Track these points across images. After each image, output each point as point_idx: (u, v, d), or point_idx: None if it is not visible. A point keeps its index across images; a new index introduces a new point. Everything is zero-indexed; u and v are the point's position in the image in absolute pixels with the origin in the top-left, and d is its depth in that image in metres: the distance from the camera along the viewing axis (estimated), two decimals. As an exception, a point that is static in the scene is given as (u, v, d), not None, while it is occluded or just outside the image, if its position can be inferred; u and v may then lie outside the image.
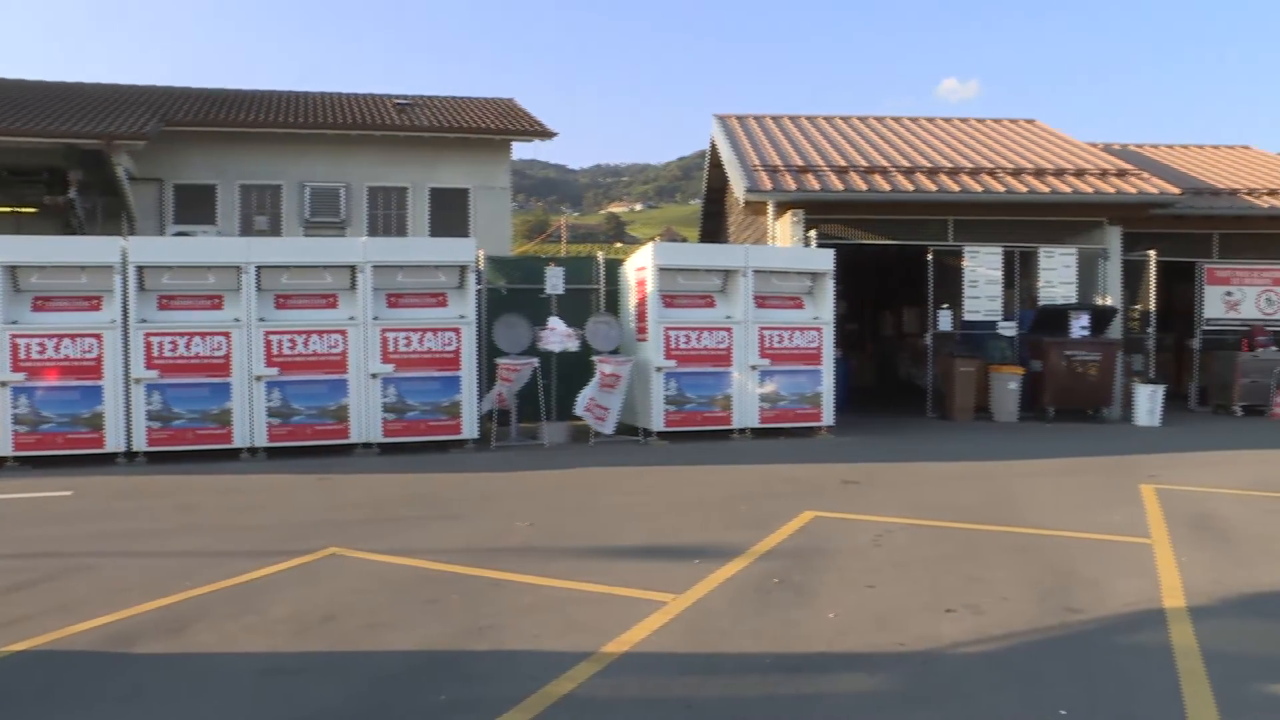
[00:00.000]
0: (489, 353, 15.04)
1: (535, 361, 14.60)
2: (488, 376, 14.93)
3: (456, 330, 14.16)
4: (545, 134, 23.84)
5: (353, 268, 13.94)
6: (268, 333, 13.56)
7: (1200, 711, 5.15)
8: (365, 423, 13.85)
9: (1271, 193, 21.73)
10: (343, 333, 13.78)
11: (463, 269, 14.40)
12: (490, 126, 23.47)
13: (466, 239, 17.20)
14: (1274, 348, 20.06)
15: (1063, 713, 5.10)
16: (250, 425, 13.52)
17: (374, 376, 13.81)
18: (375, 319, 13.87)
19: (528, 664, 5.61)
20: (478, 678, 5.45)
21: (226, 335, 13.46)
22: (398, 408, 13.95)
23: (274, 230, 22.33)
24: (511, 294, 16.23)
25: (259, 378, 13.48)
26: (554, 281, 15.38)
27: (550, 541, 8.67)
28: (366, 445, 13.88)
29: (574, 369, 15.17)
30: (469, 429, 14.24)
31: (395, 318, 14.03)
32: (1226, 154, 26.58)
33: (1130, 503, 10.67)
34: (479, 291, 15.08)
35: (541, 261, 17.33)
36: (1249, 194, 21.67)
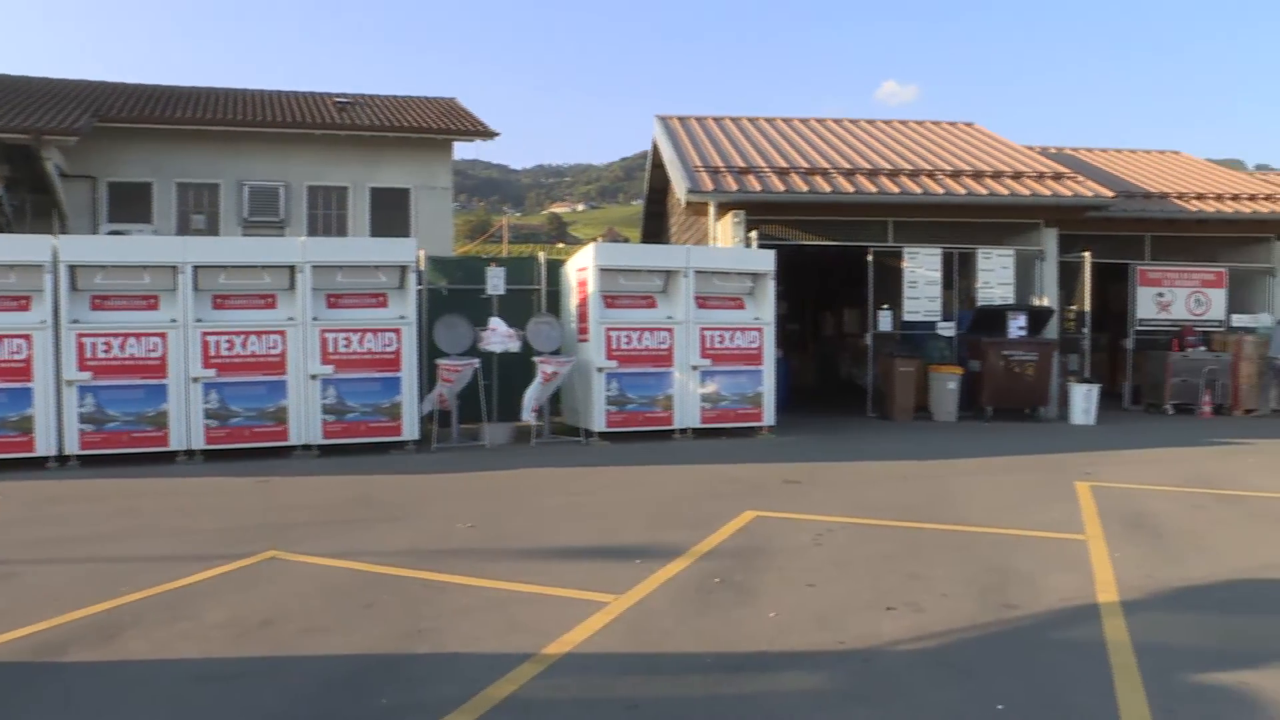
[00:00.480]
0: (430, 353, 14.95)
1: (476, 362, 14.53)
2: (428, 377, 14.83)
3: (397, 331, 14.06)
4: (487, 134, 23.74)
5: (292, 268, 13.79)
6: (205, 333, 13.37)
7: (1131, 703, 5.26)
8: (305, 424, 13.70)
9: (1199, 197, 22.17)
10: (282, 333, 13.63)
11: (403, 269, 14.31)
12: (432, 126, 23.32)
13: (407, 239, 17.11)
14: (1203, 348, 20.47)
15: (1000, 707, 5.18)
16: (187, 428, 13.32)
17: (313, 378, 13.67)
18: (315, 319, 13.73)
19: (469, 666, 5.59)
20: (419, 680, 5.42)
21: (162, 336, 13.25)
22: (338, 409, 13.83)
23: (212, 230, 22.03)
24: (453, 294, 16.14)
25: (196, 379, 13.29)
26: (495, 282, 15.32)
27: (491, 543, 8.64)
28: (306, 447, 13.74)
29: (515, 369, 15.13)
30: (410, 430, 14.15)
31: (335, 318, 13.91)
32: (1157, 159, 27.08)
33: (1066, 500, 10.84)
34: (420, 292, 14.99)
35: (483, 262, 17.25)
36: (1179, 198, 22.09)
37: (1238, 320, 21.18)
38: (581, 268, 15.55)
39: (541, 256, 17.33)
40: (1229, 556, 8.47)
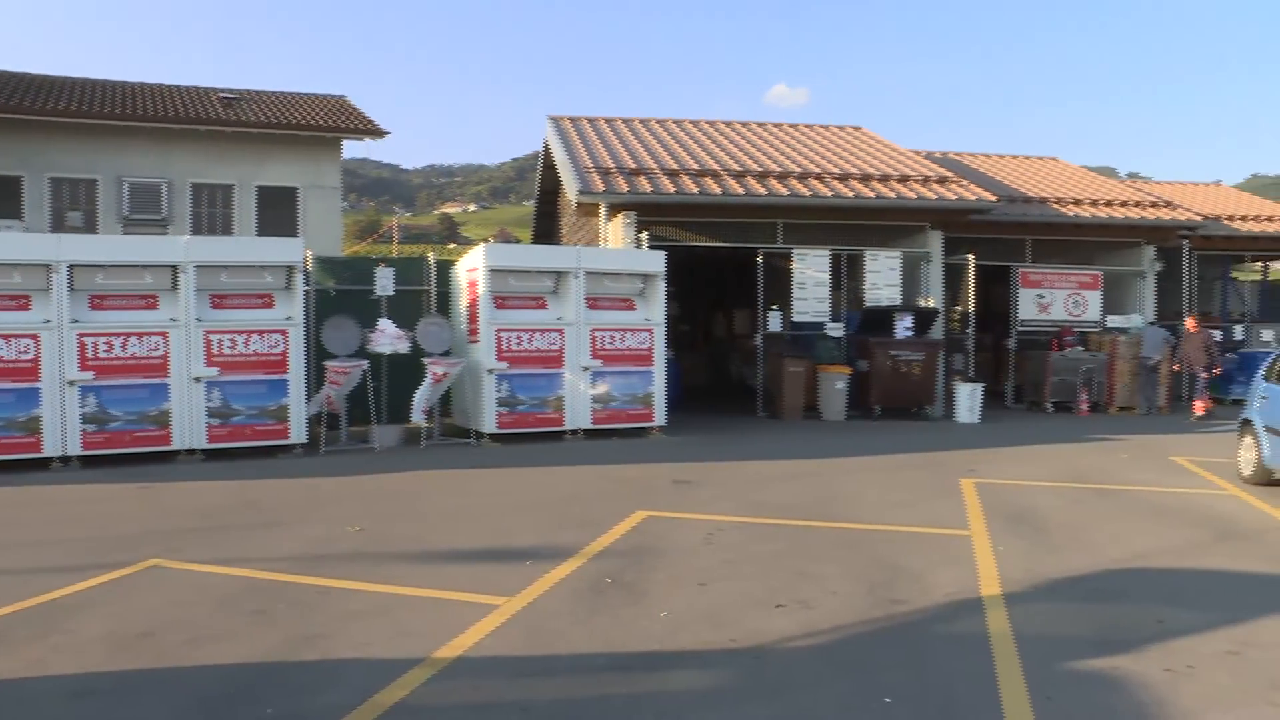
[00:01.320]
0: (318, 355, 14.69)
1: (365, 364, 14.34)
2: (316, 379, 14.59)
3: (284, 332, 13.80)
4: (377, 132, 23.44)
5: (174, 267, 13.42)
6: (81, 335, 12.93)
7: (1012, 691, 5.44)
8: (188, 428, 13.36)
9: (1076, 202, 22.87)
10: (164, 335, 13.26)
11: (290, 269, 14.05)
12: (320, 124, 22.94)
13: (294, 239, 16.78)
14: (1080, 348, 21.11)
15: (887, 700, 5.30)
16: (63, 433, 12.87)
17: (197, 380, 13.34)
18: (198, 320, 13.39)
19: (358, 673, 5.52)
20: (306, 689, 5.34)
21: (34, 338, 12.78)
22: (223, 412, 13.51)
23: (89, 227, 21.36)
24: (341, 295, 15.90)
25: (72, 382, 12.86)
26: (384, 283, 15.13)
27: (381, 546, 8.54)
28: (190, 451, 13.39)
29: (405, 371, 14.95)
30: (297, 433, 13.89)
31: (220, 319, 13.59)
32: (1037, 164, 27.85)
33: (951, 496, 11.10)
34: (307, 293, 14.74)
35: (372, 262, 17.03)
36: (1057, 202, 22.76)
37: (1112, 321, 21.91)
38: (472, 268, 15.44)
39: (431, 257, 17.16)
40: (1105, 548, 8.77)
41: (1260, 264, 29.19)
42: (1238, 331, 24.27)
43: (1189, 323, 20.67)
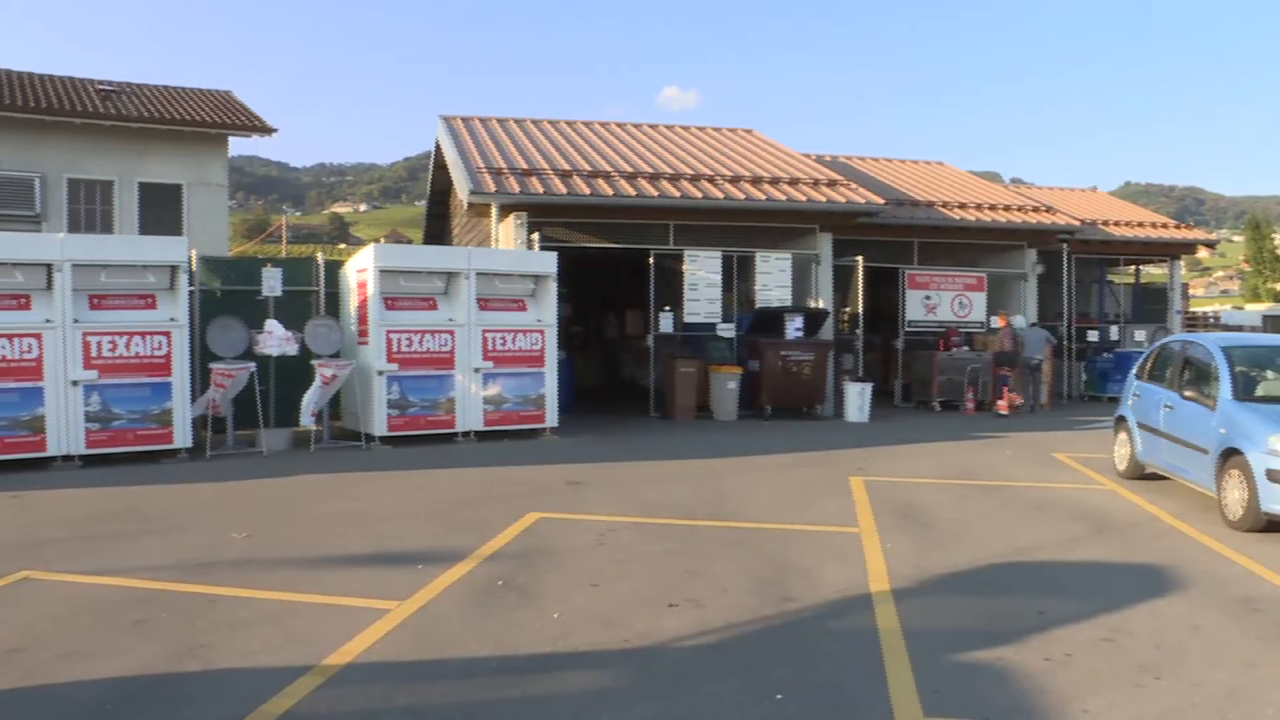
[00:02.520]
0: (203, 357, 14.34)
1: (252, 366, 14.04)
2: (202, 382, 14.24)
3: (167, 334, 13.42)
4: (265, 129, 22.95)
5: (49, 266, 12.96)
6: (-52, 337, 12.44)
7: (900, 683, 5.57)
8: (65, 433, 12.91)
9: (962, 206, 23.40)
10: (37, 336, 12.78)
11: (174, 269, 13.68)
12: (205, 119, 22.36)
13: (178, 238, 16.34)
14: (966, 348, 21.60)
15: (779, 696, 5.37)
16: (-70, 438, 12.37)
17: (74, 384, 12.90)
18: (75, 322, 12.95)
19: (244, 683, 5.40)
20: (190, 701, 5.21)
21: (-104, 340, 12.25)
22: (102, 416, 13.09)
23: (-47, 223, 20.50)
24: (227, 296, 15.55)
25: (-60, 386, 12.36)
26: (271, 283, 14.83)
27: (268, 553, 8.37)
28: (68, 458, 12.94)
29: (293, 373, 14.68)
30: (182, 438, 13.53)
31: (99, 320, 13.16)
32: (925, 169, 28.45)
33: (840, 494, 11.27)
34: (192, 293, 14.37)
35: (260, 262, 16.69)
36: (944, 206, 23.27)
37: (996, 322, 22.43)
38: (361, 269, 15.23)
39: (320, 257, 16.89)
40: (989, 543, 9.00)
41: (1133, 267, 30.20)
42: (1113, 332, 25.12)
43: (999, 319, 21.28)
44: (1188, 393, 11.22)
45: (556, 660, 5.86)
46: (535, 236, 17.89)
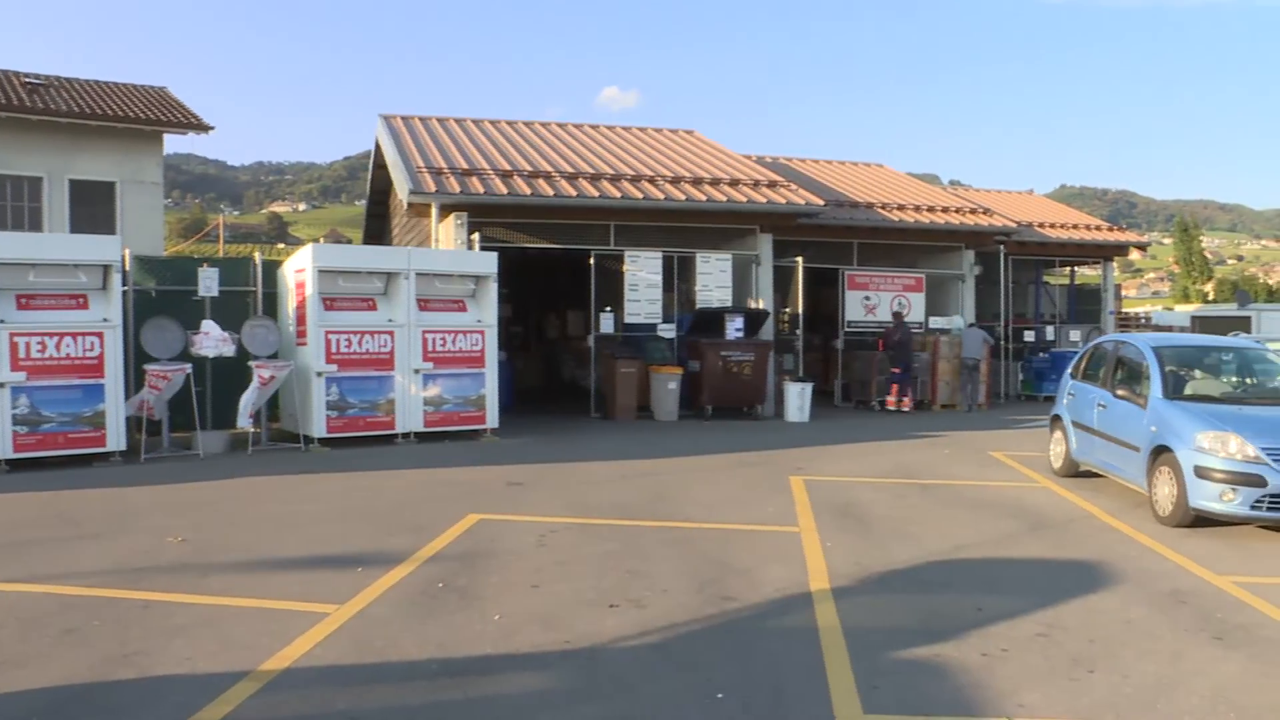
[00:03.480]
0: (138, 358, 14.12)
1: (188, 367, 13.84)
2: (137, 384, 14.00)
3: (99, 335, 13.18)
4: (201, 127, 22.60)
5: (-27, 267, 12.69)
6: None
7: (840, 681, 5.63)
8: (-8, 437, 12.64)
9: (901, 208, 23.63)
10: (-37, 338, 12.51)
11: (106, 269, 13.44)
12: (139, 116, 21.96)
13: (111, 236, 16.09)
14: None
15: (720, 695, 5.39)
16: None
17: (2, 386, 12.64)
18: (2, 322, 12.68)
19: (179, 690, 5.33)
20: (121, 711, 5.12)
21: None
22: (31, 419, 12.82)
23: None
24: (162, 296, 15.31)
25: None
26: (208, 283, 14.62)
27: (205, 557, 8.24)
28: (-5, 461, 12.68)
29: (231, 374, 14.49)
30: (115, 440, 13.29)
31: (27, 321, 12.88)
32: (864, 170, 28.70)
33: (781, 494, 11.33)
34: (125, 293, 14.12)
35: (195, 262, 16.44)
36: (883, 208, 23.48)
37: (934, 322, 22.74)
38: (299, 269, 15.08)
39: (258, 257, 16.68)
40: (928, 541, 9.10)
41: (1068, 268, 30.68)
42: (1049, 332, 25.49)
43: (897, 319, 21.56)
44: (1120, 392, 11.43)
45: (497, 662, 5.84)
46: (475, 237, 17.80)
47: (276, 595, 7.06)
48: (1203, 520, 9.74)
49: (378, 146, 23.51)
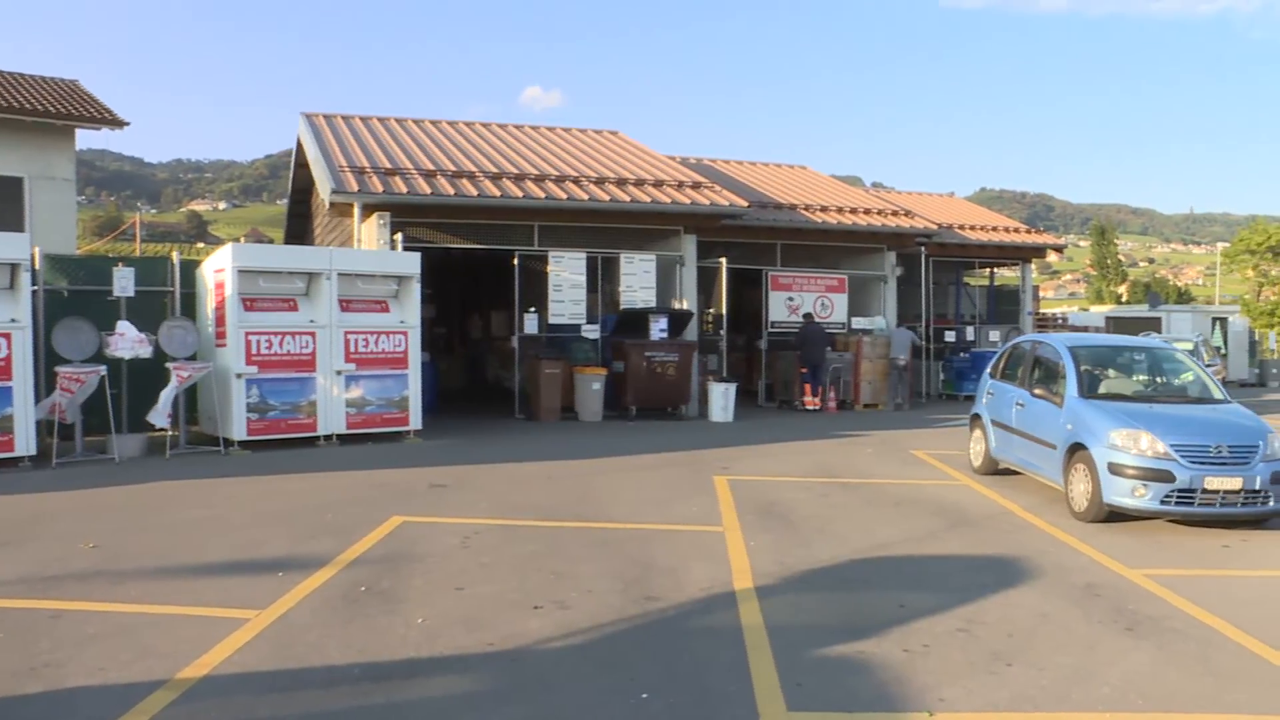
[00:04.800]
0: (49, 360, 13.77)
1: (103, 369, 13.53)
2: (48, 387, 13.66)
3: (7, 336, 12.81)
4: (116, 122, 22.07)
5: None
6: None
7: (764, 678, 5.67)
8: (-104, 441, 12.25)
9: (824, 209, 23.82)
10: None
11: (14, 267, 13.07)
12: (49, 109, 21.37)
13: (19, 234, 15.61)
14: (828, 348, 21.98)
15: (645, 695, 5.40)
16: None
17: (-95, 389, 12.26)
18: (-97, 324, 12.29)
19: (91, 702, 5.20)
20: (32, 721, 4.99)
21: None
22: (-63, 424, 12.46)
23: None
24: (75, 296, 14.94)
25: None
26: (123, 283, 14.31)
27: (120, 564, 8.05)
28: (-102, 467, 12.28)
29: (147, 377, 14.19)
30: (24, 445, 12.94)
31: (-69, 323, 12.52)
32: (787, 172, 28.92)
33: (705, 493, 11.37)
34: (35, 293, 13.76)
35: (110, 261, 16.07)
36: (806, 209, 23.66)
37: (857, 323, 22.99)
38: (219, 269, 14.82)
39: (176, 256, 16.35)
40: (850, 539, 9.20)
41: (988, 270, 31.20)
42: (969, 332, 25.91)
43: (806, 319, 21.84)
44: (1037, 391, 11.66)
45: (421, 665, 5.79)
46: (399, 237, 17.64)
47: (195, 601, 6.93)
48: (1116, 515, 9.98)
49: (299, 145, 23.19)
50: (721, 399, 19.24)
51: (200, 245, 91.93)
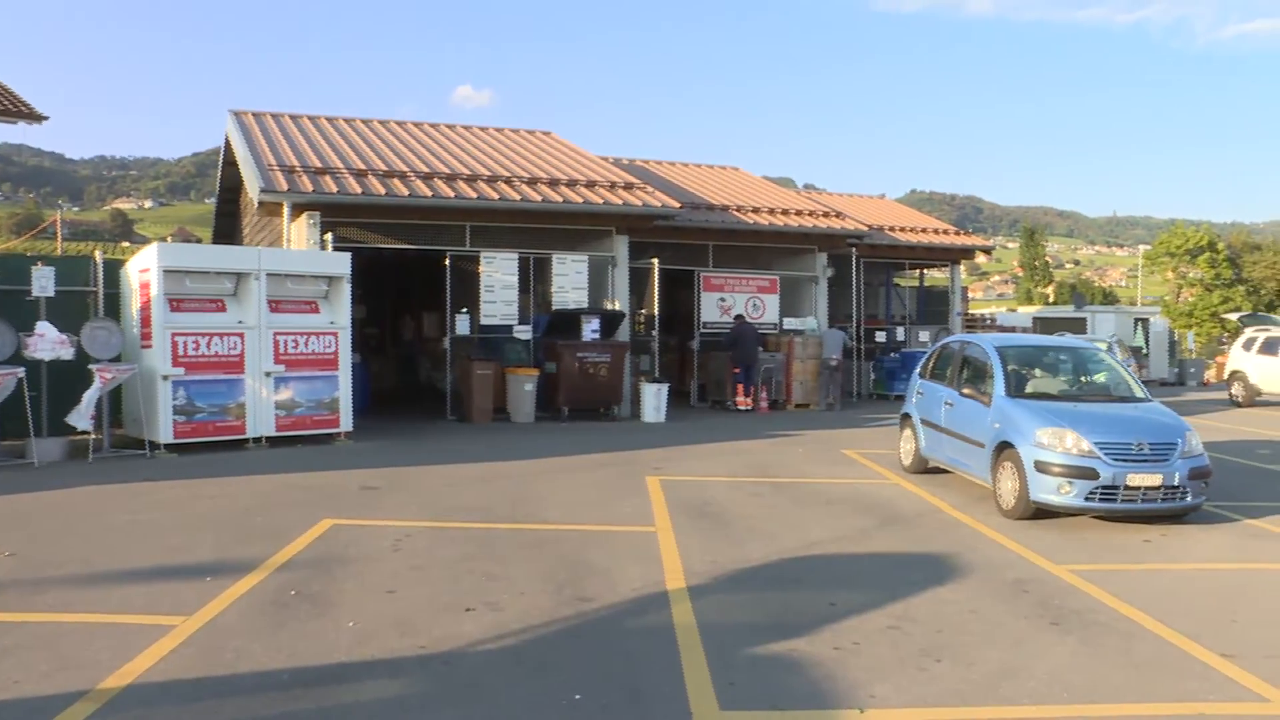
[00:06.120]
0: (-35, 363, 13.44)
1: (20, 371, 13.22)
2: (-36, 389, 13.33)
3: (-77, 338, 12.53)
4: (34, 116, 21.49)
5: None
6: None
7: (696, 678, 5.69)
8: None
9: (755, 210, 23.94)
10: None
11: (-70, 269, 12.78)
12: (-39, 106, 20.89)
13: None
14: (760, 348, 22.11)
15: (578, 696, 5.39)
16: None
17: None
18: None
19: (6, 716, 5.06)
20: (-60, 739, 4.85)
21: None
22: None
23: None
24: (-9, 297, 14.60)
25: None
26: (43, 283, 13.99)
27: (38, 572, 7.84)
28: None
29: (69, 379, 13.89)
30: (-59, 449, 12.64)
31: None
32: (719, 173, 29.01)
33: (637, 494, 11.38)
34: (-50, 294, 13.44)
35: (29, 260, 15.73)
36: (738, 210, 23.75)
37: (789, 323, 23.13)
38: (144, 269, 14.56)
39: (99, 256, 16.03)
40: (782, 538, 9.26)
41: (918, 271, 31.56)
42: (900, 333, 26.20)
43: (737, 320, 21.98)
44: (966, 390, 11.82)
45: (352, 670, 5.73)
46: (329, 237, 17.43)
47: (118, 609, 6.79)
48: (1043, 512, 10.16)
49: (228, 143, 22.85)
50: (654, 399, 19.27)
51: (125, 244, 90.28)
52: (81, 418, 13.49)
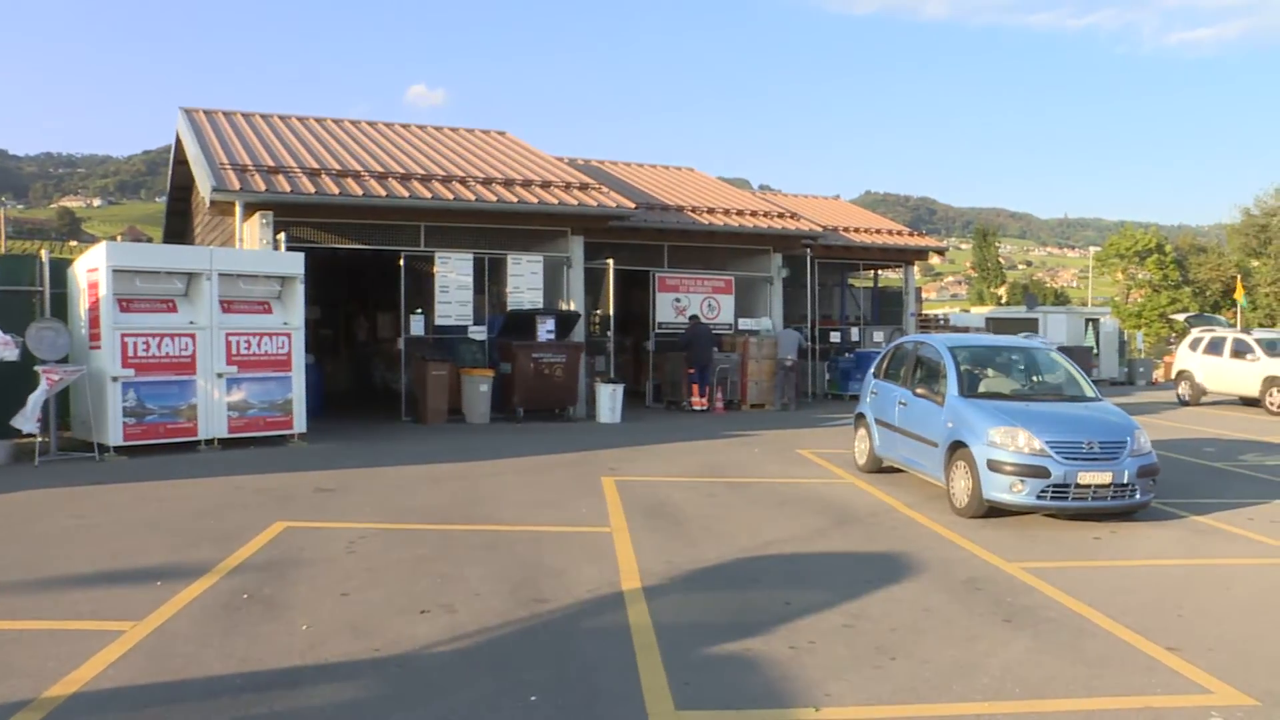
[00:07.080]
0: (-92, 364, 13.20)
1: (-34, 373, 13.03)
2: (-93, 391, 13.09)
3: None
4: (-23, 118, 21.30)
5: None
6: None
7: (652, 678, 5.71)
8: None
9: (711, 211, 23.99)
10: None
11: (-128, 269, 12.55)
12: (-93, 107, 20.54)
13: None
14: (715, 349, 22.16)
15: (534, 698, 5.39)
16: None
17: None
18: None
19: (-53, 725, 4.98)
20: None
21: None
22: None
23: None
24: (-66, 297, 14.35)
25: None
26: (-13, 283, 13.79)
27: (-16, 575, 7.74)
28: None
29: (14, 381, 13.67)
30: (-117, 452, 12.40)
31: None
32: (675, 174, 29.05)
33: (593, 495, 11.37)
34: (-107, 294, 13.20)
35: (-27, 261, 15.51)
36: (693, 211, 23.79)
37: (744, 324, 23.20)
38: (92, 268, 14.36)
39: (45, 255, 15.80)
40: (737, 538, 9.29)
41: (872, 271, 31.77)
42: (854, 333, 26.36)
43: (692, 320, 22.04)
44: (919, 390, 11.90)
45: (305, 673, 5.68)
46: (282, 236, 17.27)
47: (64, 615, 6.69)
48: (995, 511, 10.26)
49: (179, 141, 22.58)
50: (609, 400, 19.27)
51: (73, 243, 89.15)
52: (27, 420, 13.26)
